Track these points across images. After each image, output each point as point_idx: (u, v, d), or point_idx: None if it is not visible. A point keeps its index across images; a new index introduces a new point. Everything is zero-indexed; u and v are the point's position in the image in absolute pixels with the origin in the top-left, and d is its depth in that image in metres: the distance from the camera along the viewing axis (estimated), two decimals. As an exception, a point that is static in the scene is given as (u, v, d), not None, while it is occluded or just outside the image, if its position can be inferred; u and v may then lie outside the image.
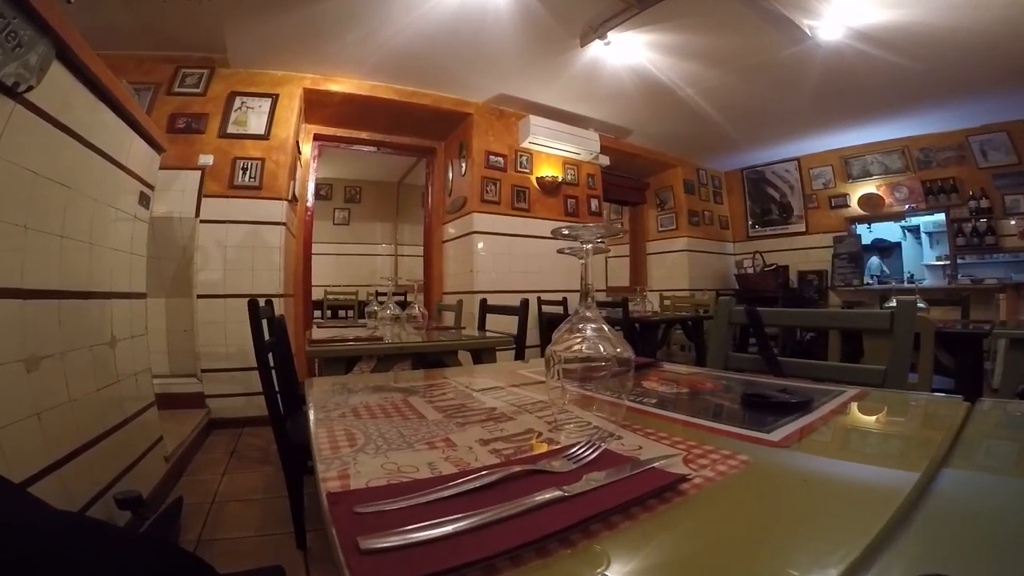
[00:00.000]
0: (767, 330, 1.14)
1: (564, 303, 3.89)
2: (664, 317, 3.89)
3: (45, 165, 1.23)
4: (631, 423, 0.56)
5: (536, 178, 4.20)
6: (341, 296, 5.80)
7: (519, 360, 1.63)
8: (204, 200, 3.00)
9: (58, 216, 1.31)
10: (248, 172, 3.12)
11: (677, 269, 5.52)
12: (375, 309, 2.23)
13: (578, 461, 0.41)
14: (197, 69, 3.19)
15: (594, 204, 4.58)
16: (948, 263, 4.61)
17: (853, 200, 5.16)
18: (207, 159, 3.05)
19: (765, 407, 0.60)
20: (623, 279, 5.93)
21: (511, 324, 2.24)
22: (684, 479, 0.38)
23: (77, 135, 1.38)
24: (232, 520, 1.74)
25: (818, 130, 4.73)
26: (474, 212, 3.85)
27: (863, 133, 4.76)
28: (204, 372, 2.89)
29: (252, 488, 2.02)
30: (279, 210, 3.17)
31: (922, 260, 5.19)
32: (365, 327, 2.26)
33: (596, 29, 2.97)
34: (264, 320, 1.47)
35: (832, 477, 0.42)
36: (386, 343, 1.67)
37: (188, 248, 2.96)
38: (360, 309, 5.01)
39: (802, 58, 3.23)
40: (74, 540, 0.58)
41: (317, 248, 4.28)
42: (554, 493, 0.34)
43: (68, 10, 1.27)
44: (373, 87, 3.63)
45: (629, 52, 3.20)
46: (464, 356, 1.89)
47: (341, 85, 3.53)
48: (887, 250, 5.29)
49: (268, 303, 1.61)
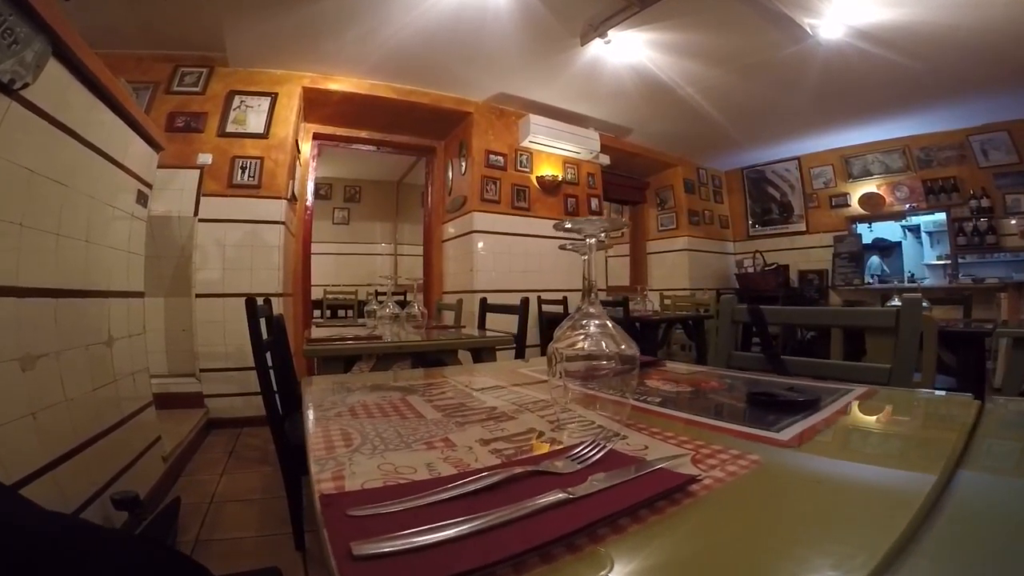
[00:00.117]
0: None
1: (564, 302, 3.88)
2: (664, 316, 3.89)
3: (41, 163, 1.23)
4: (635, 422, 0.55)
5: (536, 177, 4.19)
6: (340, 296, 5.79)
7: (519, 359, 1.62)
8: (203, 199, 2.99)
9: (54, 214, 1.30)
10: (247, 171, 3.11)
11: (677, 268, 5.51)
12: (374, 308, 2.22)
13: (583, 462, 0.39)
14: (196, 68, 3.18)
15: (594, 203, 4.57)
16: (949, 262, 4.60)
17: (854, 199, 5.15)
18: (206, 158, 3.04)
19: (772, 406, 0.58)
20: (623, 279, 5.92)
21: (511, 323, 2.23)
22: (694, 480, 0.36)
23: (74, 133, 1.38)
24: (230, 521, 1.73)
25: (818, 129, 4.72)
26: (474, 211, 3.84)
27: (864, 132, 4.75)
28: (203, 372, 2.88)
29: (250, 488, 2.01)
30: (278, 209, 3.15)
31: (922, 260, 5.18)
32: (364, 326, 2.25)
33: (597, 28, 2.96)
34: (262, 319, 1.46)
35: (845, 478, 0.41)
36: (385, 342, 1.66)
37: (187, 247, 2.95)
38: (360, 309, 4.99)
39: (803, 57, 3.22)
40: (67, 542, 0.57)
41: (316, 248, 4.27)
42: (558, 495, 0.32)
43: (66, 8, 1.26)
44: (373, 86, 3.62)
45: (629, 51, 3.19)
46: (464, 356, 1.88)
47: (340, 84, 3.52)
48: (887, 250, 5.28)
49: (267, 302, 1.60)
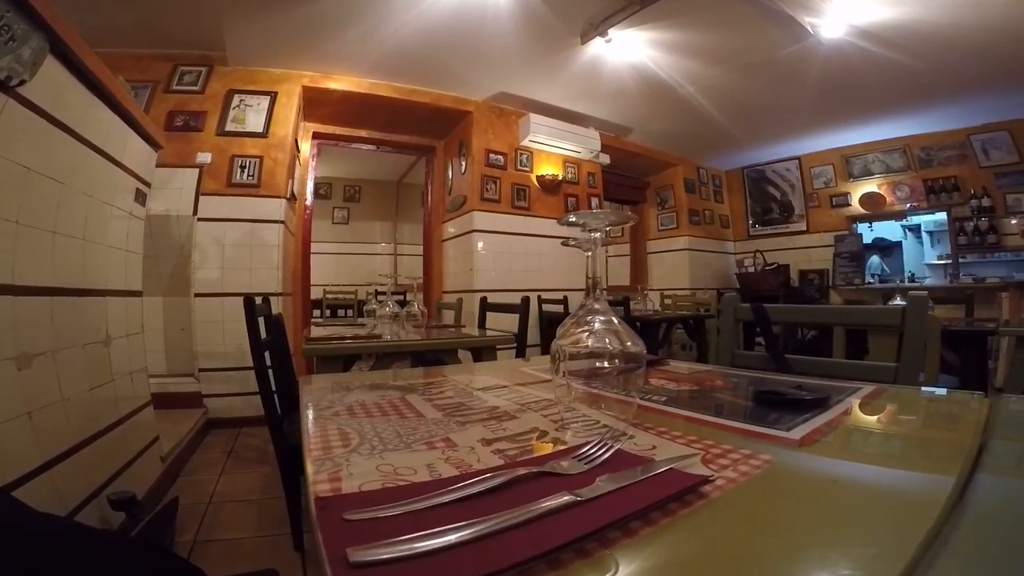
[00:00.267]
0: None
1: (565, 301, 3.88)
2: (665, 316, 3.88)
3: (38, 161, 1.22)
4: (642, 421, 0.53)
5: (536, 176, 4.17)
6: (340, 295, 5.78)
7: (520, 358, 1.61)
8: (202, 198, 2.97)
9: (51, 212, 1.29)
10: (246, 170, 3.10)
11: (678, 268, 5.50)
12: (374, 308, 2.21)
13: (589, 462, 0.38)
14: (195, 67, 3.17)
15: (595, 203, 4.56)
16: (949, 262, 4.59)
17: (854, 199, 5.14)
18: (205, 157, 3.03)
19: (780, 404, 0.57)
20: (623, 278, 5.91)
21: (511, 323, 2.22)
22: (707, 481, 0.35)
23: (72, 131, 1.37)
24: (229, 521, 1.72)
25: (819, 129, 4.71)
26: (474, 211, 3.83)
27: (864, 132, 4.74)
28: (201, 371, 2.87)
29: (249, 489, 2.00)
30: (277, 208, 3.14)
31: (923, 259, 5.18)
32: (364, 326, 2.24)
33: (597, 26, 2.95)
34: (261, 318, 1.45)
35: (860, 478, 0.40)
36: (384, 341, 1.64)
37: (186, 246, 2.94)
38: (359, 308, 4.98)
39: (804, 56, 3.21)
40: (60, 545, 0.56)
41: (316, 247, 4.26)
42: (566, 498, 0.31)
43: (65, 6, 1.25)
44: (372, 85, 3.60)
45: (630, 50, 3.17)
46: (464, 355, 1.87)
47: (340, 83, 3.51)
48: (887, 249, 5.28)
49: (265, 301, 1.59)
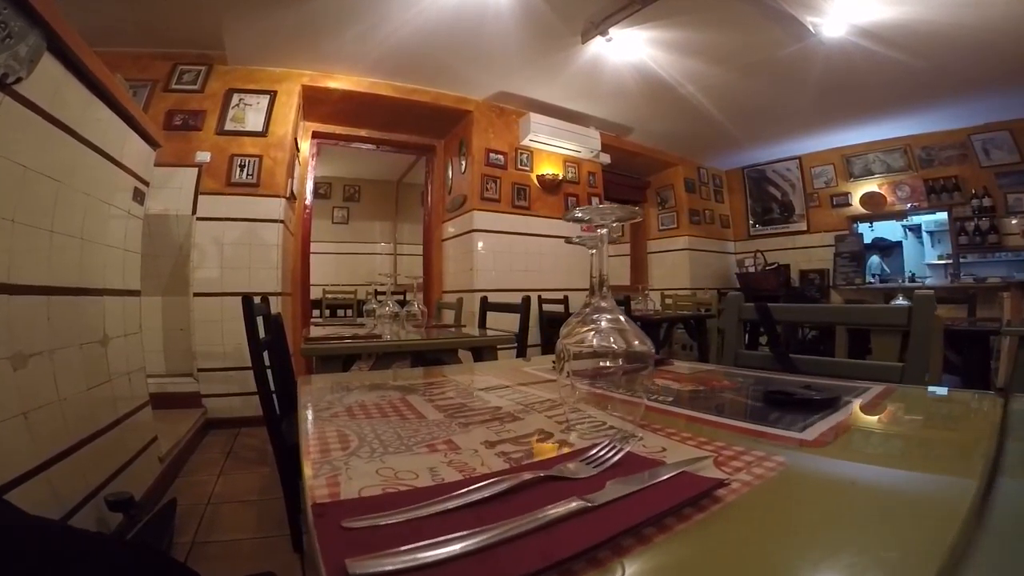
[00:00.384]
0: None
1: (565, 301, 3.86)
2: (666, 316, 3.86)
3: (35, 159, 1.20)
4: (649, 422, 0.52)
5: (536, 176, 4.16)
6: (340, 295, 5.76)
7: (521, 358, 1.60)
8: (201, 197, 2.96)
9: (48, 211, 1.27)
10: (245, 169, 3.09)
11: (678, 268, 5.49)
12: (374, 307, 2.19)
13: (598, 465, 0.37)
14: (195, 66, 3.16)
15: (595, 202, 4.55)
16: (950, 262, 4.58)
17: (855, 199, 5.13)
18: (204, 156, 3.01)
19: (789, 405, 0.56)
20: (623, 278, 5.90)
21: (512, 323, 2.21)
22: (722, 484, 0.34)
23: (69, 129, 1.36)
24: (227, 522, 1.70)
25: (820, 128, 4.70)
26: (474, 210, 3.81)
27: (865, 131, 4.74)
28: (200, 371, 2.85)
29: (248, 489, 1.98)
30: (277, 207, 3.13)
31: (923, 259, 5.16)
32: (363, 326, 2.23)
33: (598, 25, 2.94)
34: (259, 318, 1.44)
35: (878, 481, 0.38)
36: (384, 341, 1.63)
37: (184, 246, 2.93)
38: (359, 308, 4.97)
39: (805, 55, 3.20)
40: (54, 550, 0.55)
41: (316, 247, 4.24)
42: (575, 503, 0.30)
43: (63, 4, 1.24)
44: (372, 84, 3.59)
45: (631, 49, 3.16)
46: (464, 355, 1.86)
47: (340, 82, 3.50)
48: (887, 249, 5.26)
49: (264, 300, 1.58)
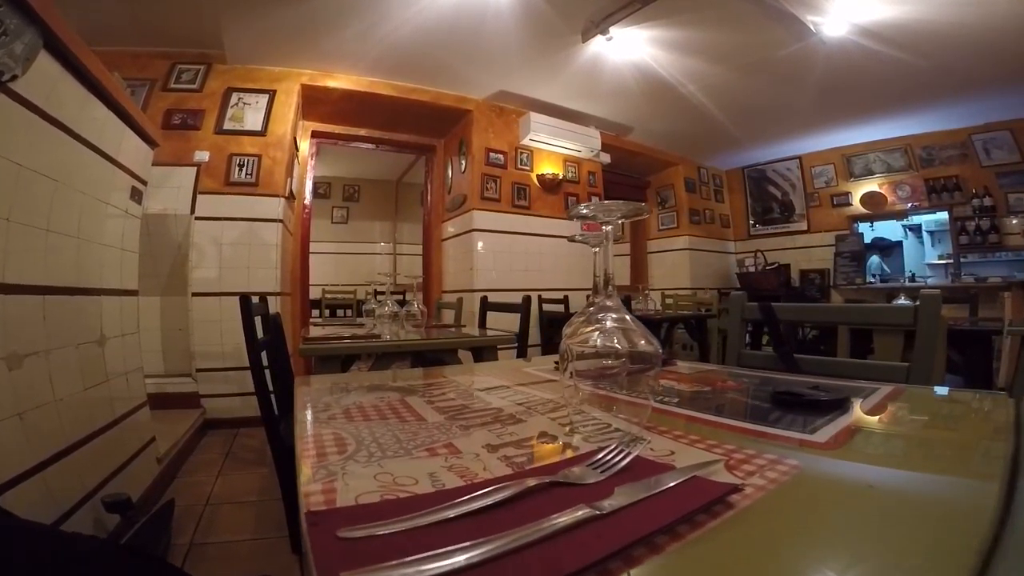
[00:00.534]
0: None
1: (565, 301, 3.86)
2: (666, 316, 3.85)
3: (30, 157, 1.19)
4: (656, 425, 0.51)
5: (536, 175, 4.15)
6: (339, 295, 5.75)
7: (521, 359, 1.58)
8: (199, 197, 2.95)
9: (44, 209, 1.26)
10: (244, 168, 3.07)
11: (678, 268, 5.48)
12: (373, 307, 2.18)
13: (606, 470, 0.35)
14: (193, 65, 3.15)
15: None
16: (950, 262, 4.57)
17: (855, 198, 5.12)
18: (203, 155, 3.00)
19: (798, 406, 0.55)
20: (623, 278, 5.89)
21: (512, 323, 2.19)
22: (737, 489, 0.32)
23: (65, 127, 1.34)
24: (226, 523, 1.69)
25: (820, 128, 4.70)
26: (474, 210, 3.80)
27: (865, 131, 4.73)
28: (199, 371, 2.84)
29: (247, 490, 1.97)
30: (276, 207, 3.12)
31: (923, 259, 5.15)
32: (363, 325, 2.21)
33: (598, 24, 2.93)
34: (258, 317, 1.43)
35: (897, 484, 0.37)
36: (383, 341, 1.62)
37: (183, 245, 2.91)
38: (358, 308, 4.96)
39: (806, 55, 3.19)
40: (47, 556, 0.54)
41: (315, 247, 4.23)
42: (583, 512, 0.28)
43: (62, 3, 1.22)
44: (372, 83, 3.58)
45: (631, 48, 3.15)
46: (464, 355, 1.85)
47: (339, 81, 3.49)
48: (887, 249, 5.25)
49: (262, 300, 1.56)
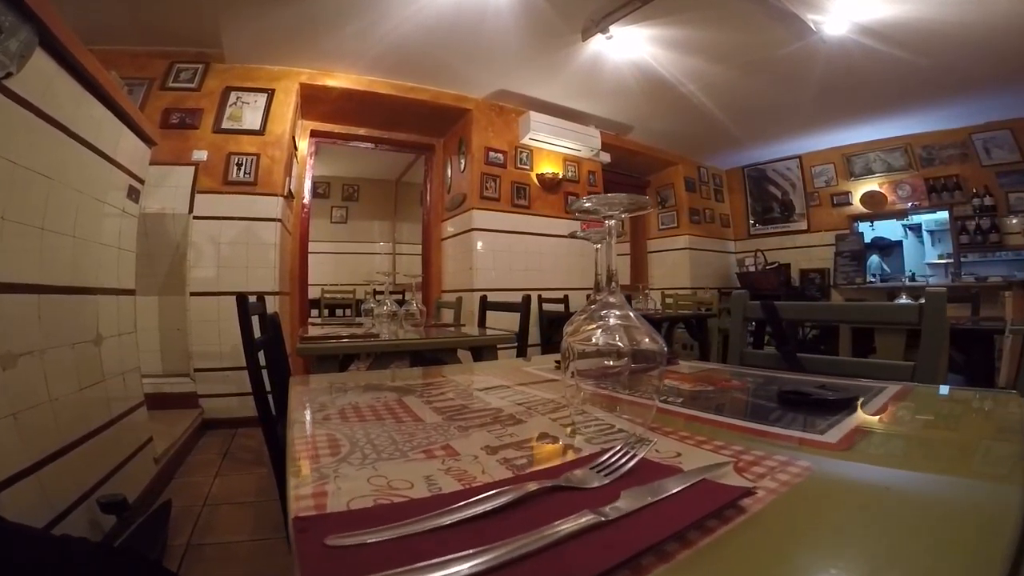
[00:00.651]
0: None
1: (565, 300, 3.84)
2: (667, 315, 3.84)
3: (25, 155, 1.18)
4: (660, 425, 0.50)
5: (536, 175, 4.14)
6: (338, 295, 5.73)
7: (521, 358, 1.57)
8: (198, 196, 2.94)
9: (39, 208, 1.25)
10: (243, 168, 3.06)
11: (678, 267, 5.47)
12: (372, 306, 2.17)
13: (610, 473, 0.34)
14: (192, 64, 3.13)
15: (595, 202, 4.52)
16: (951, 261, 4.56)
17: (855, 198, 5.11)
18: (201, 154, 2.99)
19: (805, 405, 0.54)
20: (623, 278, 5.88)
21: (511, 322, 2.18)
22: (749, 493, 0.31)
23: (61, 125, 1.33)
24: (223, 524, 1.68)
25: (820, 127, 4.69)
26: (473, 209, 3.79)
27: (866, 131, 4.72)
28: (197, 371, 2.83)
29: (245, 491, 1.96)
30: (274, 206, 3.10)
31: (923, 259, 5.14)
32: (361, 325, 2.20)
33: (598, 23, 2.92)
34: (255, 317, 1.41)
35: (914, 486, 0.36)
36: (382, 340, 1.60)
37: (181, 245, 2.90)
38: (358, 308, 4.94)
39: (806, 54, 3.18)
40: (32, 559, 0.53)
41: (315, 247, 4.22)
42: (587, 517, 0.27)
43: (59, 2, 1.21)
44: (371, 82, 3.57)
45: (631, 47, 3.14)
46: (464, 355, 1.83)
47: (338, 80, 3.47)
48: (887, 249, 5.24)
49: (260, 299, 1.55)
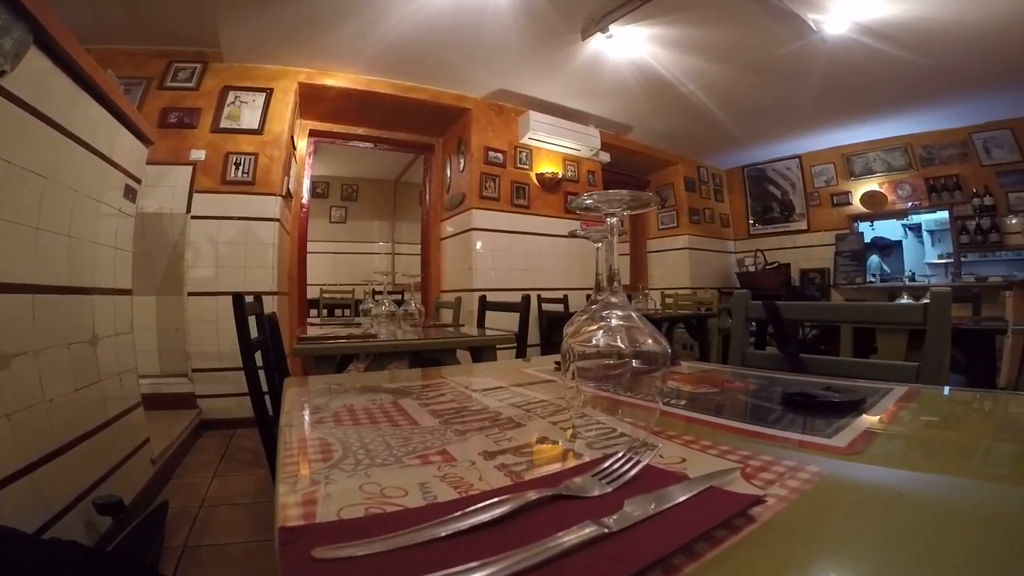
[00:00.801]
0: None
1: (565, 301, 3.83)
2: (667, 315, 3.83)
3: (19, 154, 1.17)
4: (663, 429, 0.48)
5: (536, 174, 4.13)
6: (337, 295, 5.72)
7: (520, 359, 1.56)
8: (196, 196, 2.93)
9: (33, 207, 1.24)
10: (241, 167, 3.05)
11: (678, 267, 5.46)
12: (370, 306, 2.16)
13: (613, 481, 0.32)
14: (190, 63, 3.12)
15: (595, 201, 4.51)
16: (951, 261, 4.55)
17: (855, 198, 5.11)
18: (199, 154, 2.98)
19: (811, 408, 0.53)
20: (623, 278, 5.85)
21: (511, 322, 2.17)
22: (759, 501, 0.29)
23: (56, 124, 1.32)
24: (220, 525, 1.67)
25: (820, 127, 4.68)
26: (473, 209, 3.78)
27: (866, 130, 4.71)
28: (195, 372, 2.81)
29: (243, 492, 1.95)
30: (273, 206, 3.09)
31: (923, 258, 5.14)
32: (360, 325, 2.19)
33: (598, 22, 2.91)
34: (252, 317, 1.40)
35: (928, 491, 0.34)
36: (380, 341, 1.59)
37: (179, 245, 2.89)
38: (356, 308, 4.93)
39: (806, 53, 3.17)
40: (21, 564, 0.51)
41: (313, 247, 4.20)
42: (590, 529, 0.25)
43: (57, 1, 1.20)
44: (370, 81, 3.55)
45: (631, 46, 3.13)
46: (463, 355, 1.82)
47: (337, 79, 3.46)
48: (887, 248, 5.23)
49: (257, 299, 1.54)
